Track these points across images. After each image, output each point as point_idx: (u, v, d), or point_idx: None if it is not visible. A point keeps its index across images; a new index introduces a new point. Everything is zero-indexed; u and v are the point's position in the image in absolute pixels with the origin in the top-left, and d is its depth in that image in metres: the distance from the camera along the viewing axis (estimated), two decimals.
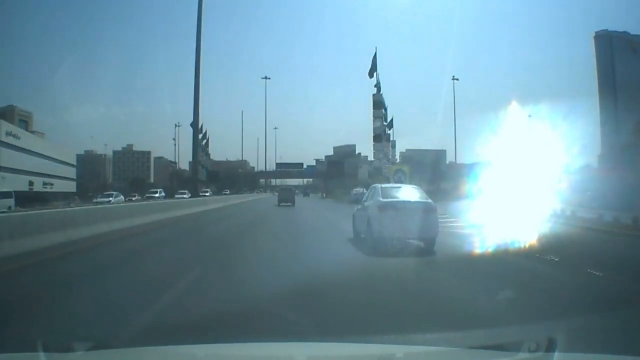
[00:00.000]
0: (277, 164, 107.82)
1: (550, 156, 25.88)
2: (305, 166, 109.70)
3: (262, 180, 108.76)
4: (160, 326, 4.82)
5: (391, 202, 11.11)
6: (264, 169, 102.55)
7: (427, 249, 10.64)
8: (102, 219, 14.52)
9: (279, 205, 36.79)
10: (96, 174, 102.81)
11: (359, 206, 13.35)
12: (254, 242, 12.84)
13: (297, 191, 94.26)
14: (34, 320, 5.05)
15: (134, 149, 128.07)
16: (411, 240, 11.16)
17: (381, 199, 11.26)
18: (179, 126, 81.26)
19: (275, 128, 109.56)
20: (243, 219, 23.02)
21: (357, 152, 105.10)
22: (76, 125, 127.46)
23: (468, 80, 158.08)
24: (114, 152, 75.12)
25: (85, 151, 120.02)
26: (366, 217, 11.61)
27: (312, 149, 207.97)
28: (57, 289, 6.90)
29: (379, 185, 12.68)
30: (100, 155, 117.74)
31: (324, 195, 75.84)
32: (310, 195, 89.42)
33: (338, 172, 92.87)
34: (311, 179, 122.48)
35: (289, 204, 36.66)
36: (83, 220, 13.16)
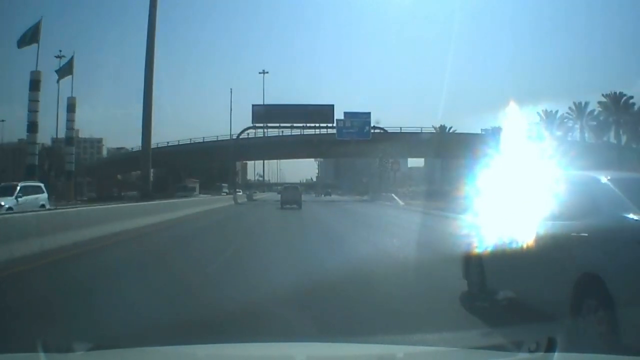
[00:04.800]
0: (264, 108, 52.91)
1: None
2: (342, 115, 49.18)
3: (255, 176, 74.63)
4: None
5: None
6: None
7: None
8: None
9: (282, 208, 32.71)
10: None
11: (479, 226, 6.28)
12: None
13: (329, 190, 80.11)
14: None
15: (80, 135, 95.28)
16: None
17: None
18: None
19: (264, 72, 61.84)
20: None
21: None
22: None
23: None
24: (53, 140, 60.74)
25: (18, 140, 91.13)
26: (572, 273, 4.15)
27: None
28: None
29: (608, 178, 4.59)
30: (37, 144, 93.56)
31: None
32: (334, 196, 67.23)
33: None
34: (313, 178, 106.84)
35: (294, 206, 33.24)
36: None
